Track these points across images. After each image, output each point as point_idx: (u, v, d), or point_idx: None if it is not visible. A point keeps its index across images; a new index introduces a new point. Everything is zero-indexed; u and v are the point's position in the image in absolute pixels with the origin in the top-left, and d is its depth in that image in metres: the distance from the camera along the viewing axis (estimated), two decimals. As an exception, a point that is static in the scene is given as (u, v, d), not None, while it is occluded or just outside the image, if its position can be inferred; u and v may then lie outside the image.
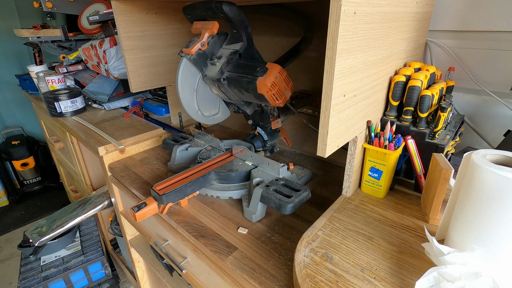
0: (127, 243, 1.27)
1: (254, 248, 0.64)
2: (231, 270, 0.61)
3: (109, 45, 1.34)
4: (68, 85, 1.59)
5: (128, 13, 0.97)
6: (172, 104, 1.24)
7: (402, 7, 0.60)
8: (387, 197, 0.69)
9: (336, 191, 0.84)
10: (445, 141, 0.65)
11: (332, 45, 0.44)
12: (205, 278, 0.78)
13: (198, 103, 0.85)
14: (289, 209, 0.64)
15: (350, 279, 0.48)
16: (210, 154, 0.92)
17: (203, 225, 0.72)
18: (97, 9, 1.61)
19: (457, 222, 0.47)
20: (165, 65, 1.14)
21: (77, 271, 1.44)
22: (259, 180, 0.77)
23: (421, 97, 0.63)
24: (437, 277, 0.43)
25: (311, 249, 0.54)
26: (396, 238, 0.56)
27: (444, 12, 0.79)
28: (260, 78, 0.70)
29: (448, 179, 0.55)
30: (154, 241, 0.95)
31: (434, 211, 0.59)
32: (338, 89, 0.48)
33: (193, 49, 0.75)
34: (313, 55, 0.92)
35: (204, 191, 0.83)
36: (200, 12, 0.74)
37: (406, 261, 0.51)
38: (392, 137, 0.65)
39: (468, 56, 0.79)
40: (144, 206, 0.72)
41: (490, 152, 0.45)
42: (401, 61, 0.70)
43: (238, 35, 0.75)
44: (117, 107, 1.47)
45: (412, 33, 0.70)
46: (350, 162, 0.66)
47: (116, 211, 1.21)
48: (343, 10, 0.42)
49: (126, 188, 0.96)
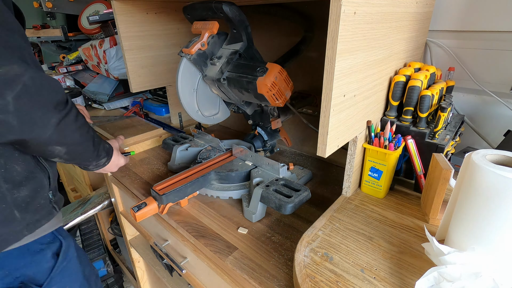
0: (127, 243, 1.27)
1: (254, 248, 0.64)
2: (231, 270, 0.61)
3: (109, 45, 1.34)
4: (68, 85, 1.60)
5: (128, 13, 0.97)
6: (172, 104, 1.24)
7: (402, 7, 0.60)
8: (387, 197, 0.69)
9: (336, 191, 0.84)
10: (445, 141, 0.65)
11: (332, 45, 0.44)
12: (205, 278, 0.78)
13: (198, 103, 0.85)
14: (289, 209, 0.64)
15: (350, 279, 0.48)
16: (210, 154, 0.92)
17: (203, 225, 0.72)
18: (97, 9, 1.61)
19: (457, 222, 0.47)
20: (165, 65, 1.14)
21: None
22: (259, 180, 0.77)
23: (421, 97, 0.63)
24: (437, 277, 0.43)
25: (311, 249, 0.54)
26: (396, 238, 0.56)
27: (444, 12, 0.79)
28: (260, 78, 0.70)
29: (448, 179, 0.55)
30: (154, 241, 0.95)
31: (434, 211, 0.59)
32: (338, 89, 0.48)
33: (193, 49, 0.75)
34: (313, 55, 0.92)
35: (204, 191, 0.83)
36: (200, 12, 0.74)
37: (406, 261, 0.51)
38: (392, 137, 0.65)
39: (468, 56, 0.79)
40: (144, 206, 0.72)
41: (490, 152, 0.45)
42: (401, 61, 0.70)
43: (238, 35, 0.75)
44: (117, 107, 1.47)
45: (412, 33, 0.70)
46: (350, 162, 0.66)
47: (116, 211, 1.21)
48: (343, 10, 0.42)
49: (126, 188, 0.96)
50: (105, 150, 0.81)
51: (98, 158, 0.78)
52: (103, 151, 0.80)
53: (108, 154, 0.82)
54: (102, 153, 0.79)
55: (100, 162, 0.80)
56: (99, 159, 0.79)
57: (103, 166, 0.82)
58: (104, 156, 0.81)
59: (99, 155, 0.78)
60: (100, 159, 0.79)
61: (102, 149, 0.79)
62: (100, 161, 0.80)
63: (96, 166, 0.81)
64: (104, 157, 0.81)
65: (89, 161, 0.77)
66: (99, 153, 0.78)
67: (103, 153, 0.80)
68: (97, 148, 0.76)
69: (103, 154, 0.80)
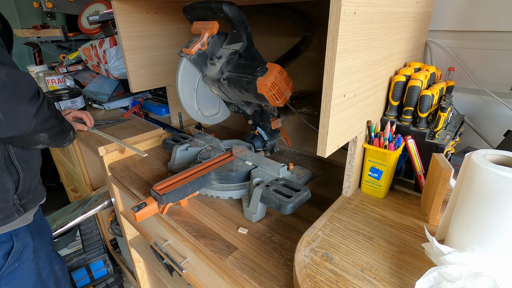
0: (127, 243, 1.27)
1: (254, 248, 0.64)
2: (231, 270, 0.61)
3: (109, 45, 1.34)
4: (68, 85, 1.60)
5: (128, 13, 0.97)
6: (172, 104, 1.24)
7: (402, 7, 0.60)
8: (387, 197, 0.69)
9: (336, 191, 0.84)
10: (445, 141, 0.65)
11: (332, 45, 0.44)
12: (205, 278, 0.78)
13: (198, 103, 0.85)
14: (289, 209, 0.64)
15: (350, 279, 0.48)
16: (210, 154, 0.92)
17: (203, 225, 0.72)
18: (97, 9, 1.61)
19: (457, 222, 0.47)
20: (165, 65, 1.14)
21: (79, 270, 1.44)
22: (259, 180, 0.77)
23: (421, 97, 0.63)
24: (437, 277, 0.43)
25: (311, 249, 0.54)
26: (396, 238, 0.56)
27: (444, 12, 0.79)
28: (260, 78, 0.70)
29: (448, 179, 0.55)
30: (154, 241, 0.95)
31: (434, 211, 0.59)
32: (338, 89, 0.48)
33: (193, 49, 0.75)
34: (313, 55, 0.92)
35: (204, 191, 0.83)
36: (200, 12, 0.74)
37: (406, 261, 0.51)
38: (392, 137, 0.65)
39: (468, 56, 0.79)
40: (144, 206, 0.72)
41: (490, 152, 0.45)
42: (401, 61, 0.70)
43: (238, 35, 0.75)
44: (117, 107, 1.47)
45: (412, 33, 0.70)
46: (350, 162, 0.66)
47: (116, 211, 1.21)
48: (343, 10, 0.42)
49: (126, 188, 0.96)
50: (70, 124, 0.90)
51: (68, 133, 0.88)
52: (69, 124, 0.89)
53: (72, 127, 0.91)
54: (69, 127, 0.88)
55: (70, 135, 0.90)
56: (69, 133, 0.88)
57: (73, 138, 0.92)
58: (71, 128, 0.90)
59: (68, 130, 0.87)
60: (69, 133, 0.89)
61: (68, 124, 0.88)
62: (70, 135, 0.89)
63: (69, 140, 0.90)
64: (71, 129, 0.90)
65: (65, 138, 0.87)
66: (68, 129, 0.87)
67: (69, 127, 0.88)
68: (65, 125, 0.85)
69: (69, 126, 0.89)
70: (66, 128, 0.86)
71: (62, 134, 0.84)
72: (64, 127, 0.85)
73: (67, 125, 0.87)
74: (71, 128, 0.90)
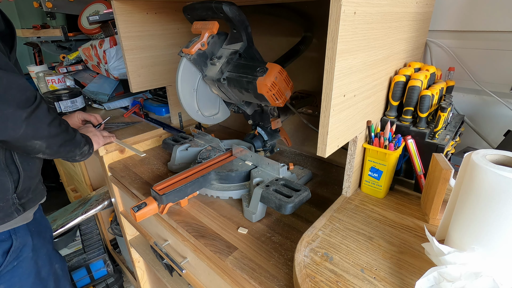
0: (127, 243, 1.27)
1: (254, 248, 0.64)
2: (231, 270, 0.61)
3: (109, 45, 1.34)
4: (68, 85, 1.59)
5: (128, 13, 0.97)
6: (172, 104, 1.24)
7: (402, 7, 0.60)
8: (387, 197, 0.69)
9: (336, 191, 0.84)
10: (445, 141, 0.65)
11: (332, 45, 0.44)
12: (205, 278, 0.78)
13: (198, 103, 0.85)
14: (289, 209, 0.64)
15: (350, 279, 0.48)
16: (210, 154, 0.92)
17: (203, 225, 0.72)
18: (97, 9, 1.61)
19: (457, 222, 0.47)
20: (165, 65, 1.14)
21: (79, 270, 1.44)
22: (259, 180, 0.77)
23: (421, 97, 0.63)
24: (437, 277, 0.43)
25: (311, 249, 0.54)
26: (396, 238, 0.56)
27: (444, 12, 0.79)
28: (260, 78, 0.70)
29: (448, 179, 0.55)
30: (154, 241, 0.95)
31: (434, 211, 0.59)
32: (338, 89, 0.48)
33: (193, 49, 0.75)
34: (313, 55, 0.92)
35: (204, 191, 0.83)
36: (200, 12, 0.74)
37: (406, 261, 0.51)
38: (392, 137, 0.65)
39: (468, 56, 0.79)
40: (144, 206, 0.72)
41: (490, 152, 0.45)
42: (401, 61, 0.70)
43: (238, 35, 0.75)
44: (117, 107, 1.47)
45: (412, 33, 0.70)
46: (350, 162, 0.66)
47: (116, 211, 1.21)
48: (343, 10, 0.42)
49: (126, 188, 0.96)
50: (84, 137, 0.85)
51: (79, 147, 0.82)
52: (82, 138, 0.83)
53: (87, 141, 0.86)
54: (81, 141, 0.83)
55: (84, 150, 0.84)
56: (81, 148, 0.83)
57: (89, 153, 0.86)
58: (85, 143, 0.84)
59: (79, 143, 0.82)
60: (82, 148, 0.83)
61: (80, 137, 0.82)
62: (84, 149, 0.84)
63: (82, 155, 0.84)
64: (85, 145, 0.85)
65: (73, 151, 0.81)
66: (78, 142, 0.82)
67: (82, 141, 0.83)
68: (74, 138, 0.80)
69: (82, 141, 0.83)
70: (74, 140, 0.80)
71: (68, 146, 0.78)
72: (72, 139, 0.79)
73: (79, 139, 0.82)
74: (85, 143, 0.84)
